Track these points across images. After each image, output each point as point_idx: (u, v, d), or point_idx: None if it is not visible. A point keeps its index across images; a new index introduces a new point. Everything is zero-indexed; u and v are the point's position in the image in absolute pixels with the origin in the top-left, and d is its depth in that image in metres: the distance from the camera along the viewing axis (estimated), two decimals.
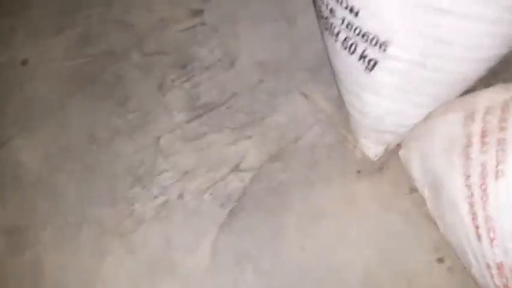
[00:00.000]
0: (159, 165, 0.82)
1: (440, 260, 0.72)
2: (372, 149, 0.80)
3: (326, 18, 0.72)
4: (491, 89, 0.67)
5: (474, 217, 0.62)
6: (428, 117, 0.73)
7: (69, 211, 0.79)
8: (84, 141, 0.86)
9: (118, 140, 0.85)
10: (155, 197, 0.79)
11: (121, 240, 0.76)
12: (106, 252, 0.75)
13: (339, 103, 0.85)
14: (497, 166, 0.59)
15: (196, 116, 0.86)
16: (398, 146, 0.79)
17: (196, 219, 0.77)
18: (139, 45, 0.99)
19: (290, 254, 0.75)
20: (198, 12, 1.02)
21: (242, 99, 0.88)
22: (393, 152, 0.80)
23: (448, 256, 0.72)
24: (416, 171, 0.75)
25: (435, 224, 0.73)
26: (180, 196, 0.79)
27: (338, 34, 0.71)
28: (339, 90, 0.83)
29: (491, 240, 0.60)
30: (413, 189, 0.77)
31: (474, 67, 0.69)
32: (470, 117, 0.65)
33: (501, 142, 0.60)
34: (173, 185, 0.80)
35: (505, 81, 0.66)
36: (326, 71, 0.88)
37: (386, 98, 0.72)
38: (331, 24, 0.71)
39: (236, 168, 0.82)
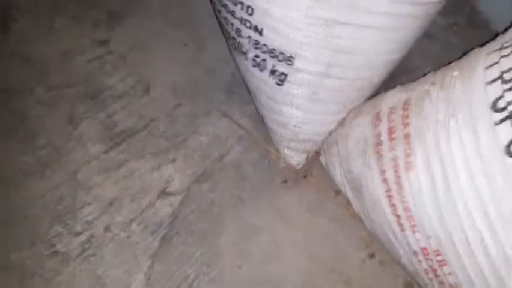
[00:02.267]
0: (80, 200, 0.77)
1: (372, 255, 0.77)
2: (295, 157, 0.83)
3: (233, 38, 0.74)
4: (392, 91, 0.74)
5: (394, 209, 0.67)
6: (341, 123, 0.79)
7: None
8: None
9: (28, 179, 0.79)
10: (79, 233, 0.75)
11: (45, 285, 0.70)
12: None
13: (258, 118, 0.87)
14: (406, 159, 0.65)
15: (113, 145, 0.83)
16: (318, 151, 0.83)
17: (126, 252, 0.74)
18: (42, 79, 0.94)
19: (228, 274, 0.74)
20: (103, 42, 1.00)
21: (161, 123, 0.87)
22: (315, 159, 0.84)
23: (378, 250, 0.77)
24: (338, 175, 0.79)
25: (362, 222, 0.78)
26: (107, 229, 0.75)
27: (246, 53, 0.74)
28: (256, 106, 0.85)
29: (412, 227, 0.65)
30: (338, 192, 0.82)
31: (376, 72, 0.75)
32: (377, 118, 0.71)
33: (406, 137, 0.66)
34: (97, 219, 0.76)
35: (403, 83, 0.73)
36: (241, 90, 0.91)
37: (299, 109, 0.76)
38: (239, 44, 0.74)
39: (163, 193, 0.80)
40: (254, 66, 0.75)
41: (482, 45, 0.64)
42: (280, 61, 0.71)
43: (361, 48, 0.68)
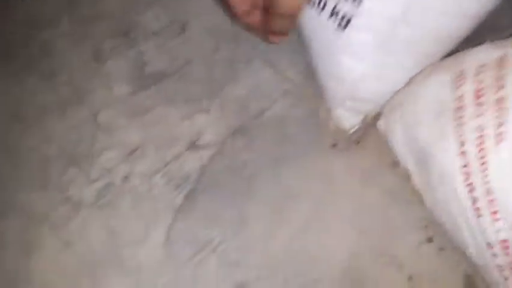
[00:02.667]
0: (99, 144, 0.69)
1: (430, 239, 0.65)
2: (348, 120, 0.71)
3: None
4: (479, 48, 0.60)
5: (471, 189, 0.54)
6: (410, 82, 0.66)
7: None
8: (5, 121, 0.70)
9: (47, 118, 0.71)
10: (95, 180, 0.66)
11: (55, 231, 0.62)
12: (36, 245, 0.62)
13: (308, 71, 0.75)
14: (496, 129, 0.52)
15: (141, 87, 0.74)
16: (378, 115, 0.71)
17: (146, 205, 0.65)
18: (70, 11, 0.84)
19: (259, 243, 0.64)
20: None
21: (196, 67, 0.76)
22: (372, 123, 0.72)
23: (438, 234, 0.65)
24: (399, 143, 0.67)
25: (422, 200, 0.66)
26: (126, 179, 0.66)
27: None
28: (308, 56, 0.73)
29: (492, 214, 0.52)
30: (396, 163, 0.69)
31: (460, 23, 0.61)
32: (459, 77, 0.58)
33: (499, 102, 0.52)
34: (116, 167, 0.67)
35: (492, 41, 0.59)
36: (291, 37, 0.78)
37: (362, 61, 0.64)
38: None
39: (192, 145, 0.70)
40: (311, 6, 0.62)
41: None
42: (345, 0, 0.58)
43: None
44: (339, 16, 0.61)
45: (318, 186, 0.68)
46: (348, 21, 0.60)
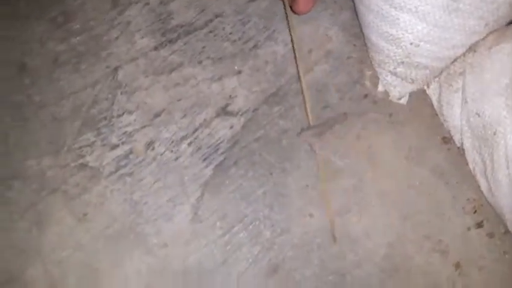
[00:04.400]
0: (119, 105, 0.61)
1: (479, 225, 0.59)
2: (398, 88, 0.64)
3: None
4: None
5: None
6: (473, 49, 0.58)
7: None
8: (12, 74, 0.62)
9: (58, 71, 0.63)
10: (115, 146, 0.59)
11: (69, 202, 0.56)
12: (49, 217, 0.55)
13: (355, 31, 0.67)
14: None
15: (166, 42, 0.65)
16: (430, 85, 0.63)
17: (172, 177, 0.58)
18: None
19: (295, 222, 0.58)
20: None
21: (228, 22, 0.67)
22: (423, 93, 0.65)
23: (489, 220, 0.60)
24: (455, 117, 0.60)
25: (474, 181, 0.59)
26: (149, 145, 0.59)
27: None
28: (356, 13, 0.65)
29: None
30: (448, 139, 0.63)
31: None
32: None
33: None
34: (138, 132, 0.60)
35: None
36: None
37: (424, 19, 0.56)
38: None
39: (222, 111, 0.63)
40: None
41: None
42: None
43: None
44: None
45: (361, 162, 0.61)
46: None
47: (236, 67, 0.65)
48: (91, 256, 0.54)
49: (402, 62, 0.60)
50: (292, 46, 0.65)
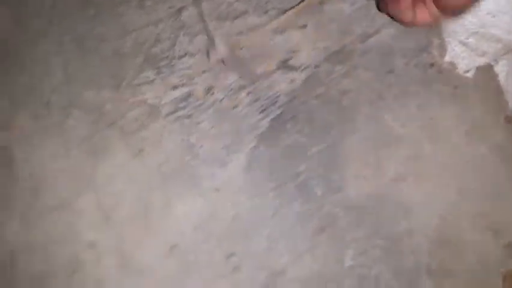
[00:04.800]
0: (181, 46, 0.60)
1: None
2: (466, 60, 0.61)
3: None
4: None
5: None
6: None
7: (53, 90, 0.56)
8: (76, 3, 0.61)
9: (122, 7, 0.61)
10: (175, 87, 0.58)
11: (125, 137, 0.55)
12: (103, 151, 0.55)
13: None
14: None
15: None
16: (500, 61, 0.61)
17: (228, 124, 0.58)
18: None
19: (349, 184, 0.57)
20: None
21: None
22: (491, 69, 0.62)
23: None
24: None
25: None
26: (209, 90, 0.58)
27: None
28: None
29: None
30: (511, 119, 0.60)
31: None
32: None
33: None
34: (199, 76, 0.59)
35: None
36: None
37: None
38: None
39: (283, 64, 0.61)
40: None
41: None
42: None
43: None
44: None
45: (421, 133, 0.59)
46: None
47: (300, 21, 0.63)
48: (143, 191, 0.54)
49: (476, 32, 0.58)
50: None
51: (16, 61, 0.58)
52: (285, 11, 0.63)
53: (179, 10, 0.61)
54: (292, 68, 0.61)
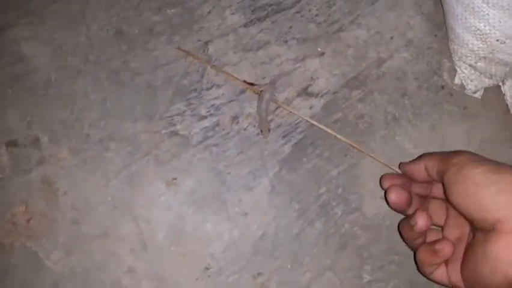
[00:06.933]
0: (208, 79, 0.64)
1: None
2: (475, 82, 0.65)
3: None
4: None
5: None
6: None
7: (91, 124, 0.61)
8: (109, 38, 0.66)
9: (153, 41, 0.66)
10: (203, 117, 0.63)
11: (160, 167, 0.60)
12: (140, 180, 0.60)
13: (439, 20, 0.68)
14: None
15: (255, 19, 0.68)
16: (506, 81, 0.65)
17: (253, 151, 0.62)
18: None
19: (368, 203, 0.62)
20: None
21: (315, 4, 0.69)
22: (498, 89, 0.66)
23: None
24: None
25: None
26: (235, 119, 0.63)
27: None
28: (442, 2, 0.65)
29: None
30: None
31: None
32: None
33: None
34: (225, 105, 0.64)
35: None
36: None
37: None
38: None
39: (303, 91, 0.65)
40: None
41: None
42: None
43: None
44: None
45: (433, 151, 0.63)
46: None
47: (319, 49, 0.67)
48: (177, 218, 0.59)
49: (485, 57, 0.61)
50: None
51: (57, 97, 0.63)
52: (303, 41, 0.67)
53: (206, 43, 0.66)
54: (312, 95, 0.65)
